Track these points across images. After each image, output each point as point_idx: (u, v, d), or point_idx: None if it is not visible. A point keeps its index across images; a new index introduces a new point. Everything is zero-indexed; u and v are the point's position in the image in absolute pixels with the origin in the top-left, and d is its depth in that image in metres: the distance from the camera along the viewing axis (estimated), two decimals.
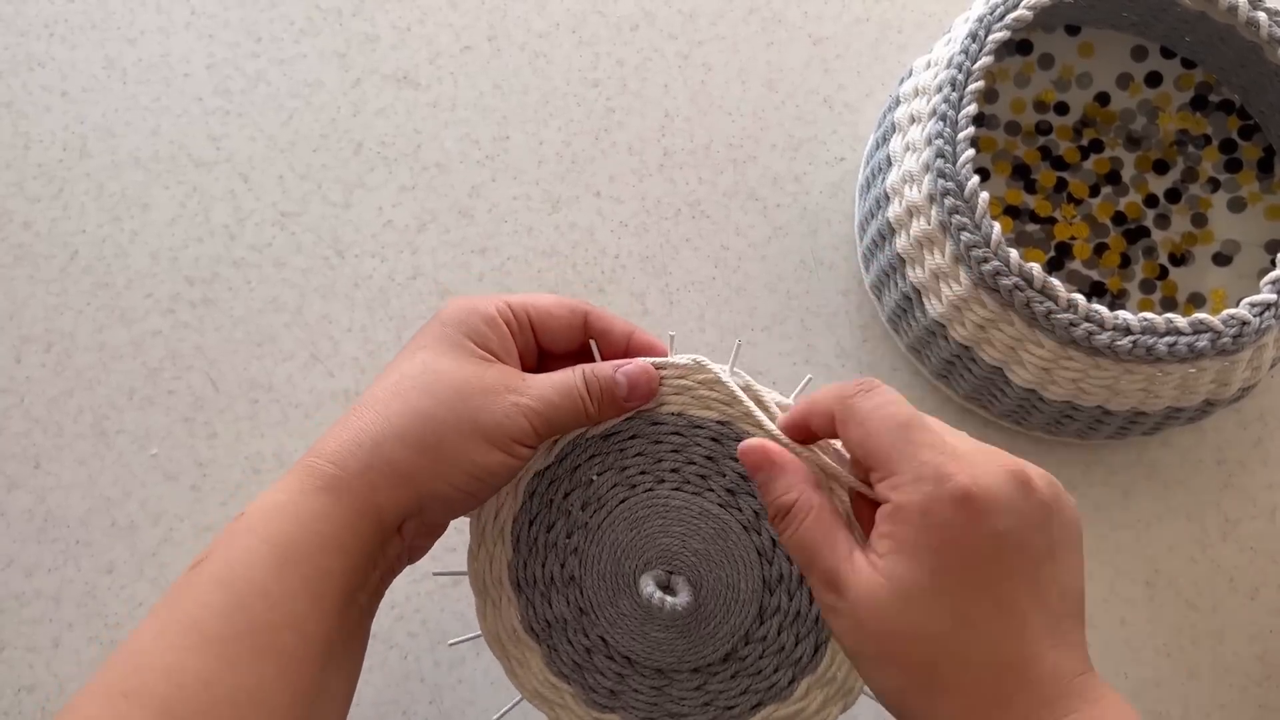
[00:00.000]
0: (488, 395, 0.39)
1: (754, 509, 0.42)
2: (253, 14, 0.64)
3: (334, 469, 0.38)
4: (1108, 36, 0.60)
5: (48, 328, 0.59)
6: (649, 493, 0.43)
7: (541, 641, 0.44)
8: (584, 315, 0.43)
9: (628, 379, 0.42)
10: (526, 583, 0.43)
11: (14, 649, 0.54)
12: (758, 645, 0.43)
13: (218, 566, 0.36)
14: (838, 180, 0.62)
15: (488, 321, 0.41)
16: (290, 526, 0.37)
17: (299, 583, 0.36)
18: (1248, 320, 0.47)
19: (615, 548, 0.43)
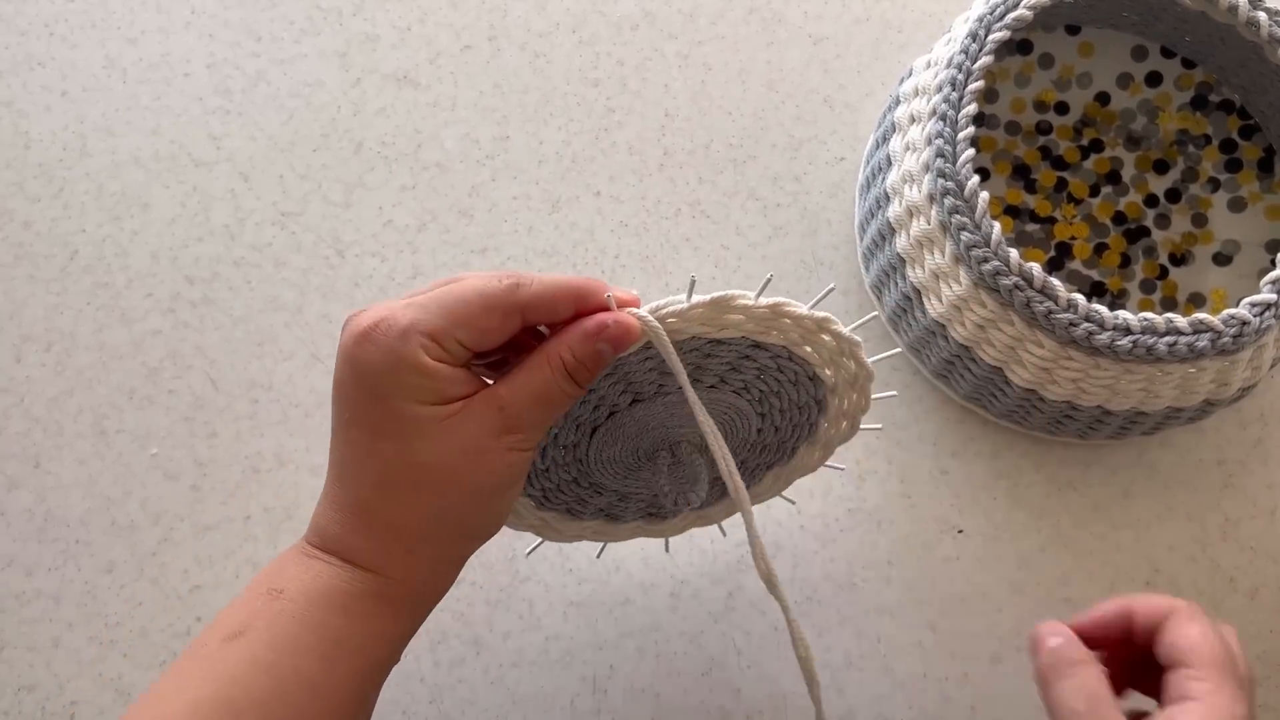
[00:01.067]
0: (480, 459, 0.36)
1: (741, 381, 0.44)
2: (253, 14, 0.64)
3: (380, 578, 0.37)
4: (1108, 36, 0.60)
5: (48, 327, 0.59)
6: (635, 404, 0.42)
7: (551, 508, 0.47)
8: (519, 312, 0.37)
9: (612, 344, 0.37)
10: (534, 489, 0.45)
11: (14, 649, 0.54)
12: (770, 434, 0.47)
13: (258, 648, 0.35)
14: (838, 180, 0.62)
15: (423, 373, 0.35)
16: (341, 622, 0.36)
17: (348, 675, 0.36)
18: (1248, 320, 0.47)
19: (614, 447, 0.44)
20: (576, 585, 0.55)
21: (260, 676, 0.34)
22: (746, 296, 0.40)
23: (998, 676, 0.55)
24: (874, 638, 0.55)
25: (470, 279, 0.37)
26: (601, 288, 0.38)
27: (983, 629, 0.55)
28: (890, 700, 0.54)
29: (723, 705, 0.54)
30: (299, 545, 0.38)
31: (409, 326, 0.35)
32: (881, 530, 0.56)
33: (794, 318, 0.41)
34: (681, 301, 0.39)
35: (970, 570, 0.56)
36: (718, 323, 0.40)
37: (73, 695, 0.54)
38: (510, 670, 0.54)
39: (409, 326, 0.35)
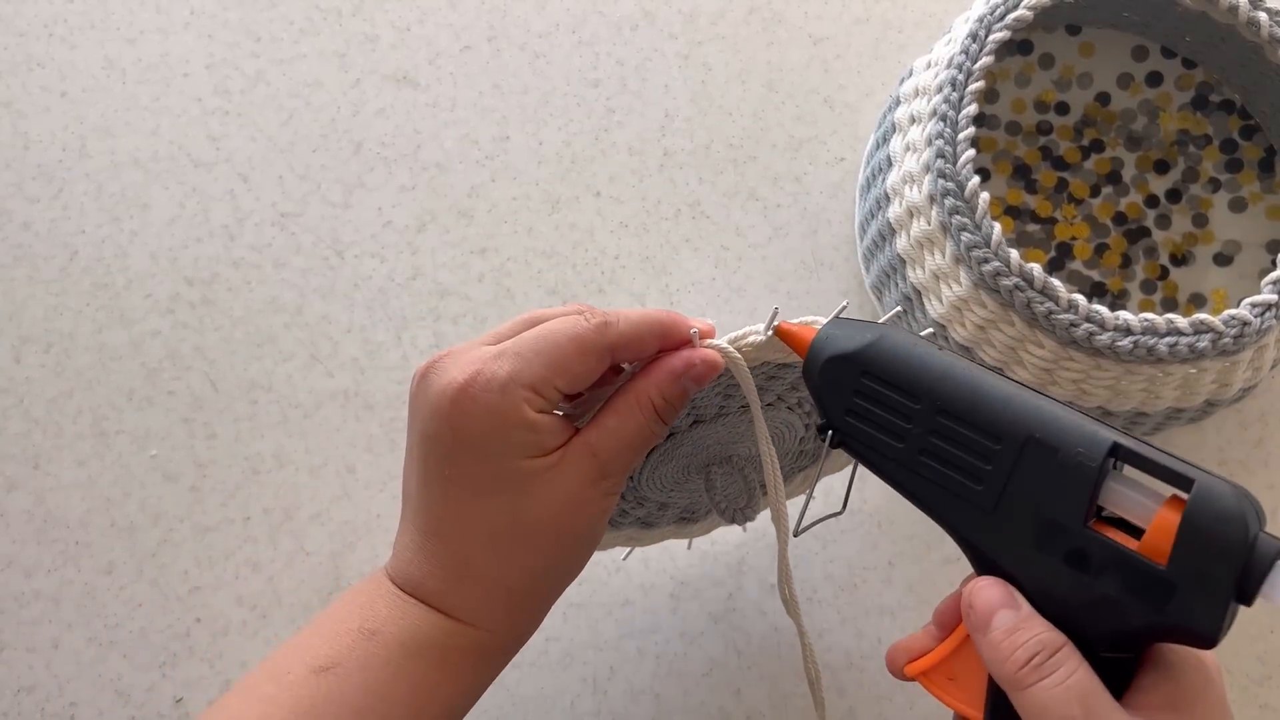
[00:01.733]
0: (581, 509, 0.36)
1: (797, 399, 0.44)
2: (253, 14, 0.64)
3: (483, 633, 0.37)
4: (1108, 36, 0.60)
5: (48, 328, 0.59)
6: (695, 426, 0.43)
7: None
8: (609, 353, 0.37)
9: (697, 382, 0.37)
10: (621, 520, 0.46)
11: (14, 649, 0.54)
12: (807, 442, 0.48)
13: (350, 689, 0.35)
14: (838, 180, 0.62)
15: (529, 428, 0.35)
16: (439, 677, 0.36)
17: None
18: (1249, 320, 0.47)
19: (670, 468, 0.44)
20: (576, 586, 0.55)
21: (349, 718, 0.34)
22: (819, 322, 0.40)
23: None
24: (874, 638, 0.55)
25: (557, 321, 0.36)
26: (685, 322, 0.38)
27: None
28: (890, 700, 0.54)
29: (723, 706, 0.54)
30: (388, 584, 0.37)
31: (509, 380, 0.34)
32: (882, 531, 0.56)
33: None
34: (758, 332, 0.39)
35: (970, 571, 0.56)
36: (785, 348, 0.40)
37: (72, 696, 0.54)
38: (510, 671, 0.54)
39: (509, 380, 0.34)
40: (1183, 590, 0.30)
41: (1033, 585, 0.33)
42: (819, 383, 0.35)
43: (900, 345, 0.34)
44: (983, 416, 0.33)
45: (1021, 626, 0.32)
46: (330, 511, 0.56)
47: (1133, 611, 0.31)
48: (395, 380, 0.58)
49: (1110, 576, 0.31)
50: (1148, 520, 0.31)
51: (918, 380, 0.34)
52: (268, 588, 0.55)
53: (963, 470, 0.33)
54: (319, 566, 0.56)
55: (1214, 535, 0.30)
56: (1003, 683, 0.32)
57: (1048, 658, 0.31)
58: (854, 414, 0.35)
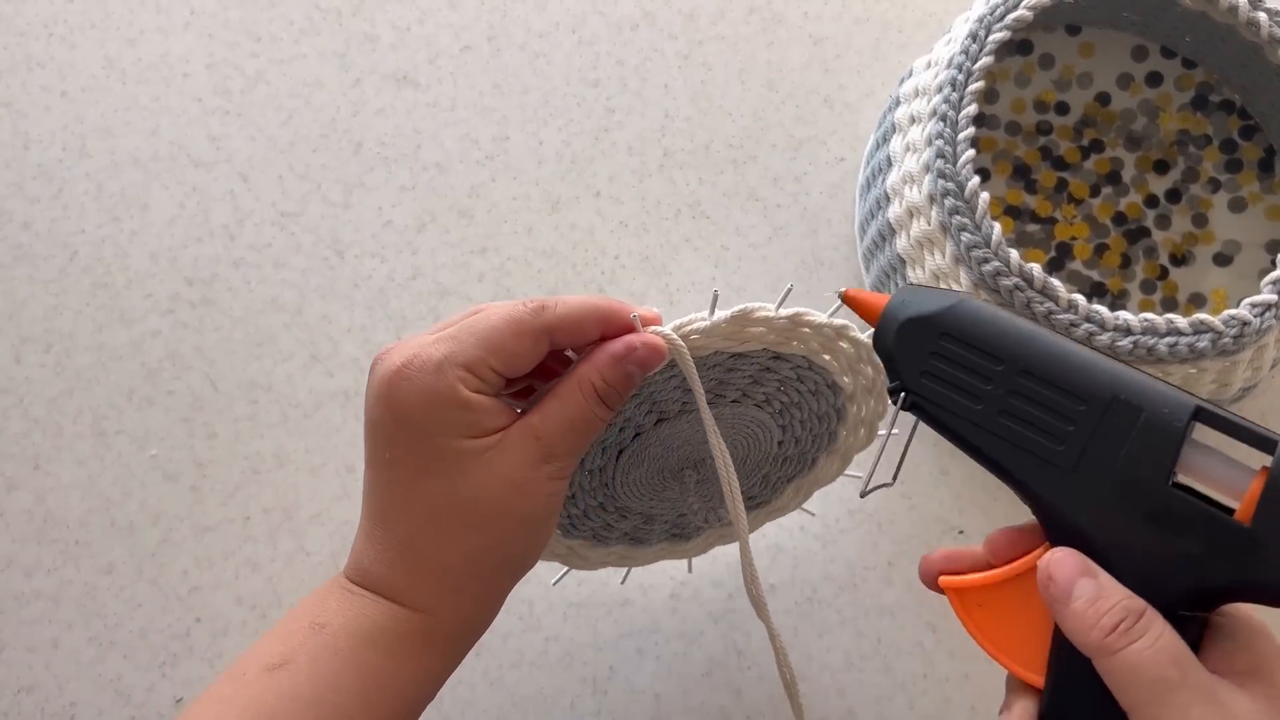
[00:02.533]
0: (524, 492, 0.36)
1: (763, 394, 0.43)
2: (253, 14, 0.64)
3: (427, 618, 0.37)
4: (1108, 36, 0.60)
5: (47, 328, 0.59)
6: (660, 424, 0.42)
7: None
8: (546, 334, 0.37)
9: (640, 366, 0.38)
10: (561, 518, 0.45)
11: (14, 649, 0.54)
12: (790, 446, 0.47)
13: (300, 683, 0.35)
14: (838, 180, 0.62)
15: (464, 406, 0.35)
16: (384, 662, 0.36)
17: (385, 717, 0.36)
18: (1248, 320, 0.47)
19: (641, 466, 0.44)
20: (576, 586, 0.55)
21: (301, 711, 0.34)
22: (767, 308, 0.40)
23: (998, 676, 0.54)
24: (874, 638, 0.55)
25: (494, 307, 0.37)
26: (625, 308, 0.38)
27: None
28: (890, 700, 0.54)
29: (723, 706, 0.54)
30: (340, 580, 0.38)
31: (443, 360, 0.35)
32: (882, 531, 0.56)
33: (813, 326, 0.41)
34: (704, 318, 0.39)
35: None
36: (739, 336, 0.40)
37: (72, 696, 0.54)
38: (510, 671, 0.54)
39: (443, 360, 0.35)
40: (1267, 545, 0.31)
41: (1112, 545, 0.33)
42: (893, 345, 0.36)
43: (982, 309, 0.35)
44: (1068, 377, 0.33)
45: (1104, 594, 0.32)
46: (330, 511, 0.56)
47: (1215, 568, 0.32)
48: None
49: (1192, 535, 0.32)
50: (1228, 486, 0.32)
51: (1002, 342, 0.34)
52: (268, 588, 0.55)
53: (1044, 431, 0.33)
54: (319, 566, 0.56)
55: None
56: (1089, 650, 0.32)
57: (1134, 622, 0.31)
58: (930, 375, 0.35)
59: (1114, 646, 0.31)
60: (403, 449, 0.36)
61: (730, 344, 0.40)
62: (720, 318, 0.39)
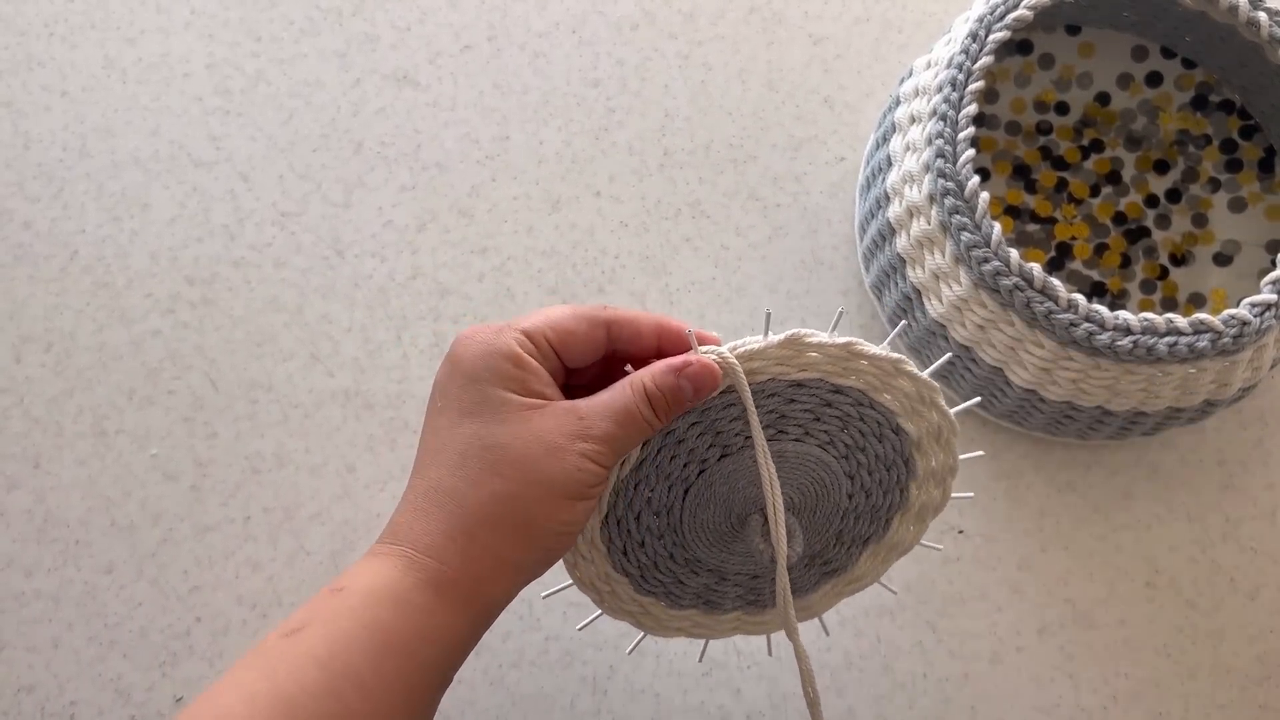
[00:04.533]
0: (555, 454, 0.37)
1: (797, 425, 0.42)
2: (253, 14, 0.64)
3: (435, 564, 0.37)
4: (1108, 36, 0.60)
5: (48, 328, 0.59)
6: (724, 459, 0.42)
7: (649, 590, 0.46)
8: (605, 325, 0.40)
9: (692, 382, 0.39)
10: (632, 566, 0.44)
11: (14, 649, 0.54)
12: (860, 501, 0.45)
13: (316, 644, 0.35)
14: (838, 180, 0.62)
15: (517, 362, 0.38)
16: (391, 616, 0.36)
17: (395, 677, 0.36)
18: (1248, 320, 0.47)
19: (707, 511, 0.43)
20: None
21: (315, 672, 0.34)
22: (819, 335, 0.40)
23: (998, 676, 0.55)
24: (874, 638, 0.55)
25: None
26: (684, 325, 0.41)
27: (983, 629, 0.55)
28: (890, 700, 0.54)
29: (723, 705, 0.54)
30: (372, 546, 0.39)
31: (505, 325, 0.39)
32: None
33: (869, 358, 0.41)
34: (758, 340, 0.40)
35: (970, 570, 0.56)
36: (795, 362, 0.40)
37: (72, 695, 0.54)
38: (510, 670, 0.54)
39: (505, 325, 0.39)
40: None
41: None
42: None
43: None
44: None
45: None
46: (330, 511, 0.56)
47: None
48: (395, 380, 0.58)
49: None
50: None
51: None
52: (268, 587, 0.55)
53: None
54: (319, 566, 0.56)
55: None
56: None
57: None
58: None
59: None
60: (452, 395, 0.39)
61: (786, 370, 0.41)
62: (773, 340, 0.40)
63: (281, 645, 0.35)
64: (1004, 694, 0.54)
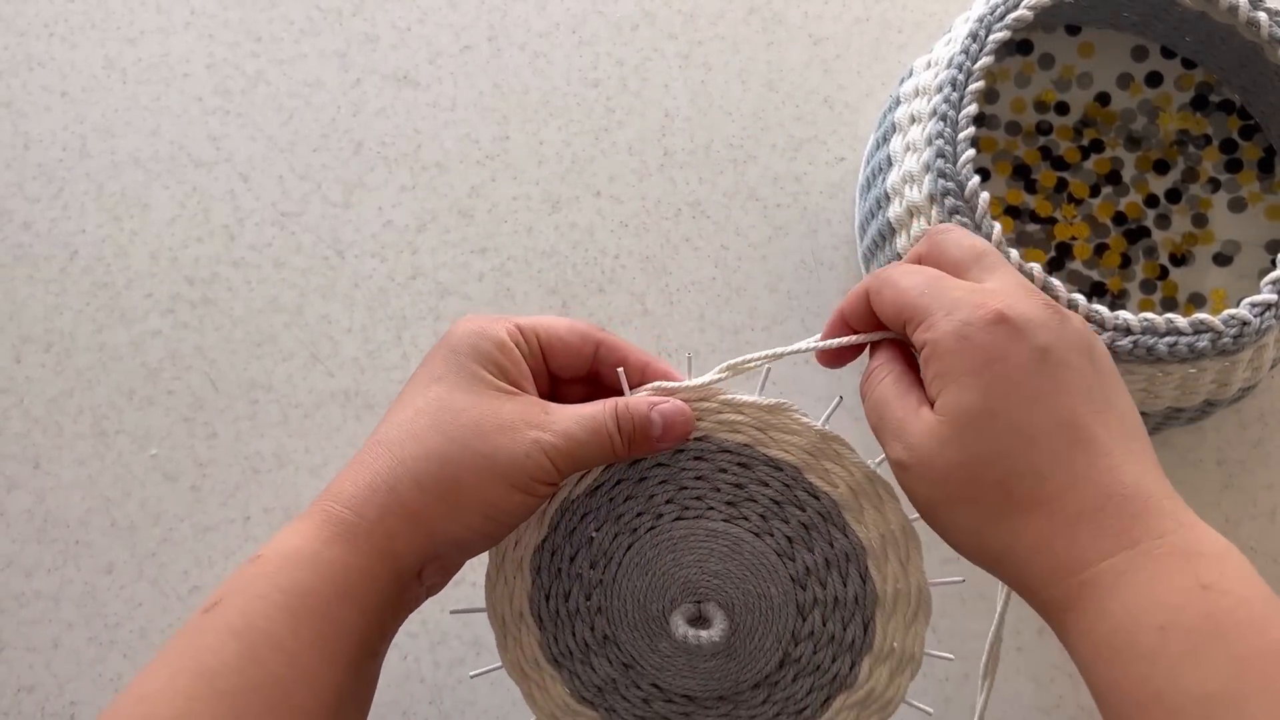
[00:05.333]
0: (507, 432, 0.37)
1: (759, 514, 0.41)
2: (253, 14, 0.64)
3: (351, 515, 0.36)
4: (1108, 36, 0.60)
5: (48, 328, 0.59)
6: (677, 521, 0.41)
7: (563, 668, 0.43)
8: (596, 344, 0.41)
9: (663, 418, 0.39)
10: (548, 614, 0.42)
11: (14, 649, 0.54)
12: (807, 643, 0.42)
13: (230, 614, 0.34)
14: (838, 180, 0.62)
15: (501, 347, 0.39)
16: (306, 575, 0.35)
17: (314, 637, 0.35)
18: (1248, 320, 0.47)
19: (645, 576, 0.41)
20: None
21: (233, 643, 0.34)
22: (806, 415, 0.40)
23: (998, 676, 0.55)
24: None
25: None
26: (669, 370, 0.42)
27: (983, 629, 0.55)
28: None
29: None
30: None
31: (500, 316, 0.40)
32: None
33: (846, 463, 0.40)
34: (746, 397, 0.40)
35: (970, 570, 0.56)
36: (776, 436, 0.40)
37: (72, 696, 0.54)
38: None
39: (500, 316, 0.40)
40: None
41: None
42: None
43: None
44: None
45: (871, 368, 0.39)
46: None
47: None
48: (395, 380, 0.58)
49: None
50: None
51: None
52: None
53: None
54: None
55: None
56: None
57: (865, 380, 0.39)
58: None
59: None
60: (431, 363, 0.39)
61: (763, 440, 0.40)
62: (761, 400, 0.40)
63: (201, 621, 0.35)
64: (1004, 694, 0.54)
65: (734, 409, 0.40)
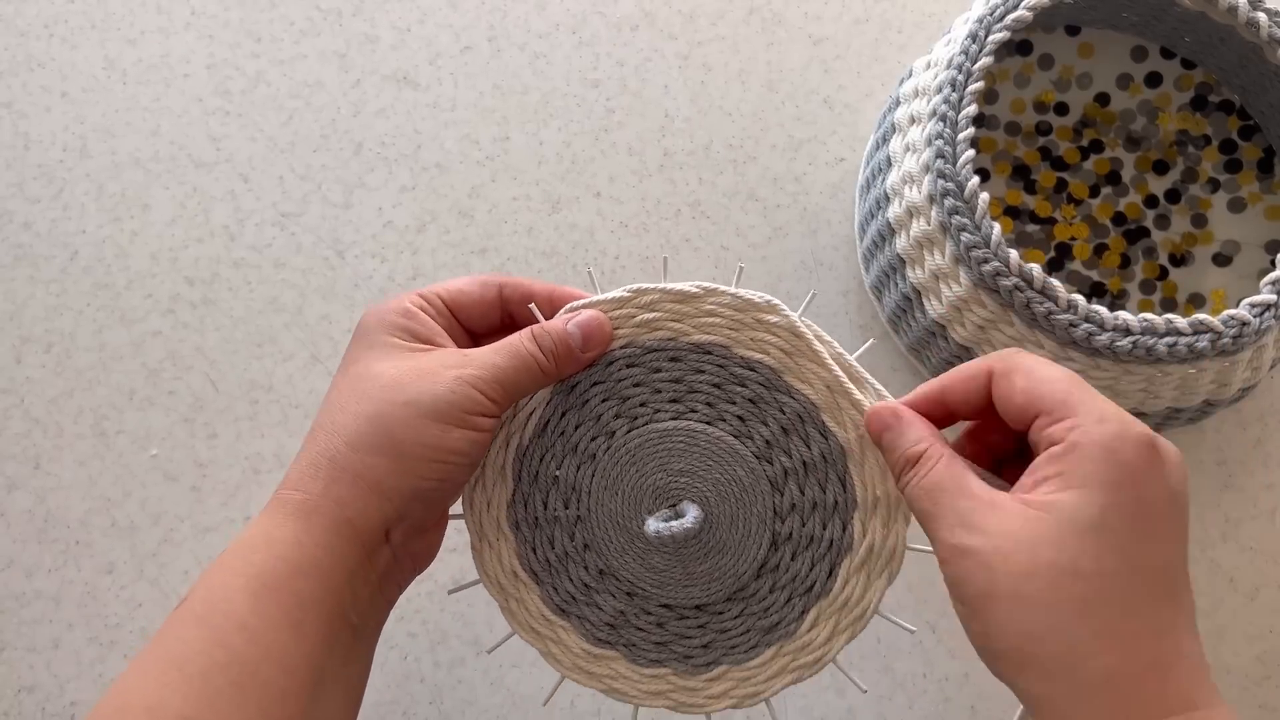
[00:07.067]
0: (426, 377, 0.38)
1: (704, 402, 0.41)
2: (253, 14, 0.64)
3: (298, 494, 0.37)
4: (1108, 37, 0.60)
5: (48, 328, 0.59)
6: (630, 433, 0.41)
7: (571, 615, 0.43)
8: (497, 287, 0.42)
9: (581, 329, 0.40)
10: (540, 566, 0.42)
11: (14, 649, 0.54)
12: (793, 517, 0.41)
13: (196, 604, 0.35)
14: (838, 180, 0.62)
15: (406, 314, 0.40)
16: (263, 557, 0.36)
17: (277, 612, 0.35)
18: (1247, 321, 0.47)
19: (617, 496, 0.41)
20: None
21: (198, 629, 0.35)
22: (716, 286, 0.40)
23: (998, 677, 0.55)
24: (874, 638, 0.55)
25: None
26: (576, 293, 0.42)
27: None
28: (890, 700, 0.54)
29: None
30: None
31: (402, 294, 0.42)
32: None
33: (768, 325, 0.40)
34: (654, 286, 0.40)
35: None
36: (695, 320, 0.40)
37: (73, 696, 0.54)
38: (510, 670, 0.54)
39: (402, 294, 0.42)
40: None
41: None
42: None
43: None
44: None
45: (894, 447, 0.37)
46: None
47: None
48: None
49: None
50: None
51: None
52: None
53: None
54: None
55: None
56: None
57: (911, 465, 0.37)
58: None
59: (899, 487, 0.37)
60: (349, 352, 0.40)
61: (684, 329, 0.40)
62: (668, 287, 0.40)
63: (172, 617, 0.36)
64: (1004, 694, 0.54)
65: (647, 308, 0.41)
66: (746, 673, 0.42)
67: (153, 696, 0.33)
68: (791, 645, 0.42)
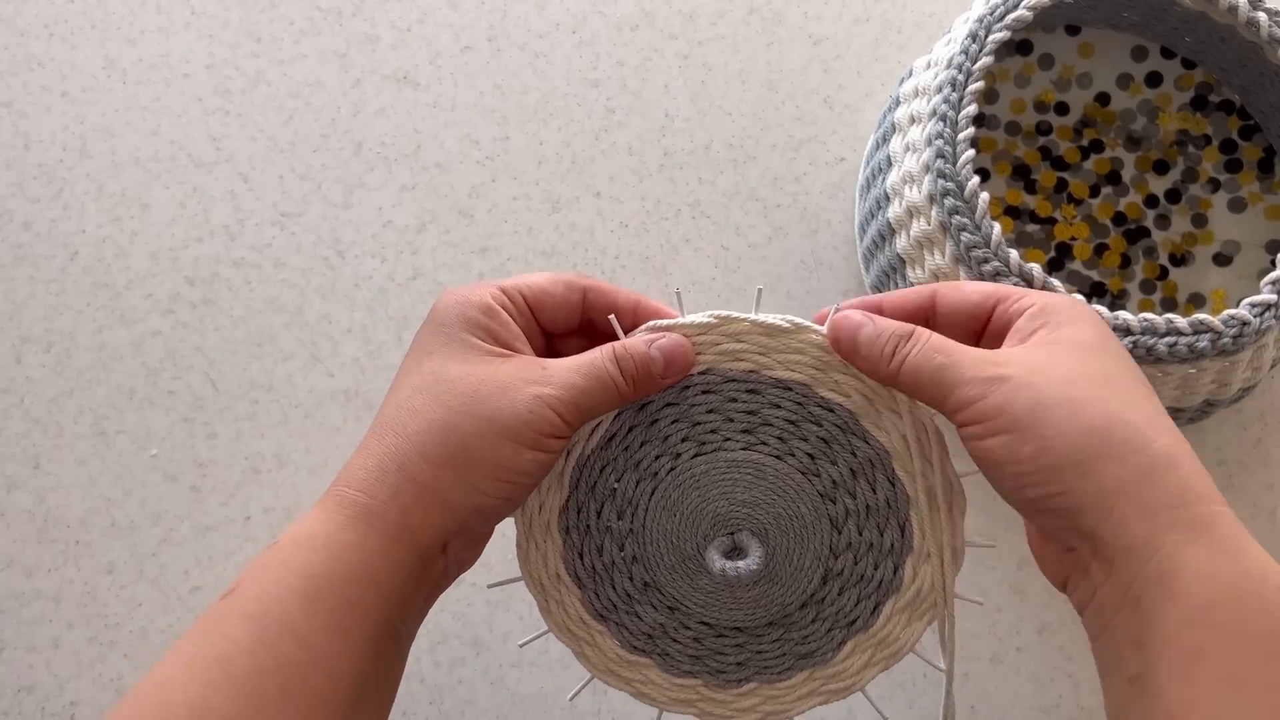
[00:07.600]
0: (506, 393, 0.36)
1: (776, 436, 0.40)
2: (253, 14, 0.64)
3: (363, 497, 0.36)
4: (1108, 37, 0.60)
5: (48, 328, 0.59)
6: (696, 457, 0.41)
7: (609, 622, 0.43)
8: (582, 291, 0.41)
9: (663, 354, 0.39)
10: (585, 571, 0.42)
11: (14, 649, 0.54)
12: (847, 555, 0.41)
13: (246, 600, 0.34)
14: (838, 180, 0.62)
15: (486, 311, 0.38)
16: (320, 559, 0.35)
17: (328, 618, 0.34)
18: (1248, 320, 0.47)
19: (675, 517, 0.41)
20: None
21: (248, 627, 0.34)
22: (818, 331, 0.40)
23: (998, 676, 0.55)
24: None
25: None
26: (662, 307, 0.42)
27: (983, 629, 0.55)
28: (890, 700, 0.54)
29: None
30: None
31: (483, 282, 0.40)
32: None
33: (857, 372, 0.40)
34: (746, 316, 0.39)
35: (970, 571, 0.56)
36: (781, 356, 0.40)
37: (73, 696, 0.54)
38: (510, 670, 0.54)
39: (483, 282, 0.40)
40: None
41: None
42: None
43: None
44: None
45: (879, 331, 0.38)
46: None
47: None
48: None
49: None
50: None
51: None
52: None
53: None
54: None
55: None
56: (887, 382, 0.38)
57: (905, 340, 0.37)
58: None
59: (895, 366, 0.37)
60: (421, 340, 0.39)
61: (769, 364, 0.40)
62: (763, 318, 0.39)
63: (218, 607, 0.35)
64: (1004, 694, 0.54)
65: (733, 338, 0.40)
66: (776, 692, 0.42)
67: (196, 694, 0.33)
68: (824, 671, 0.42)
